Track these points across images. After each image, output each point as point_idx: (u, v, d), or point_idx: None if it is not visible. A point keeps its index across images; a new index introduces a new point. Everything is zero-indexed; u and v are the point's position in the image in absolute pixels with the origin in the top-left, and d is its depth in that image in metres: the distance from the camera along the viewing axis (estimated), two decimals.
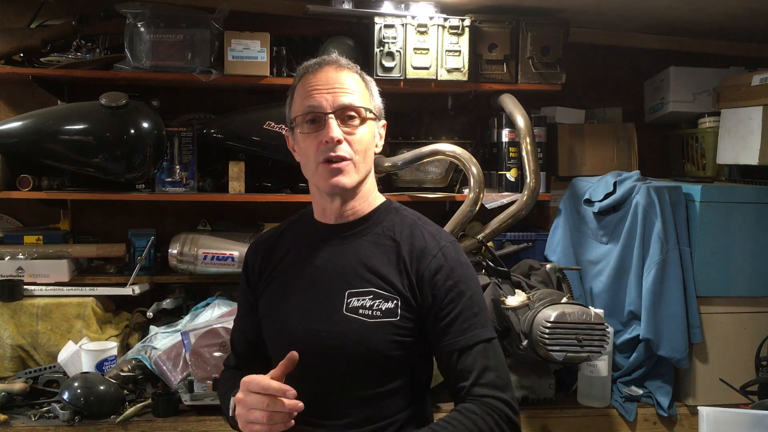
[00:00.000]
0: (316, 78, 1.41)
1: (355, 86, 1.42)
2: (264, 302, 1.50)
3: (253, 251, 1.56)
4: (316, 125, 1.39)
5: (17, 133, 2.33)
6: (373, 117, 1.44)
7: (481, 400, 1.31)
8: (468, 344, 1.34)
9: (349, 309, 1.38)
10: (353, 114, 1.40)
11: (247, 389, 1.28)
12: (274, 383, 1.25)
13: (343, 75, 1.42)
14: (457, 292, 1.37)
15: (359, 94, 1.42)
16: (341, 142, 1.38)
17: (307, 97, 1.40)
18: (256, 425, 1.26)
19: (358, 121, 1.41)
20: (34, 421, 2.02)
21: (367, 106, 1.43)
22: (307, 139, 1.41)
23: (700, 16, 2.52)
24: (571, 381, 2.33)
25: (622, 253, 2.33)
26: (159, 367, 2.17)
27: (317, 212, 1.51)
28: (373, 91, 1.48)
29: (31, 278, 2.40)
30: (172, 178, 2.49)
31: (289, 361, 1.28)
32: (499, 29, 2.54)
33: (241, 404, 1.29)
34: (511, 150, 2.64)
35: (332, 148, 1.37)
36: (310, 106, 1.39)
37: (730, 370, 2.20)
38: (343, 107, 1.39)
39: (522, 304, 2.08)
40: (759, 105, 2.32)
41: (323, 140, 1.37)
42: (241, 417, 1.29)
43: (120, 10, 2.33)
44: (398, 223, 1.46)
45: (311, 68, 1.44)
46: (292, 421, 1.26)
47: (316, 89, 1.39)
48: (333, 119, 1.38)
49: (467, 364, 1.33)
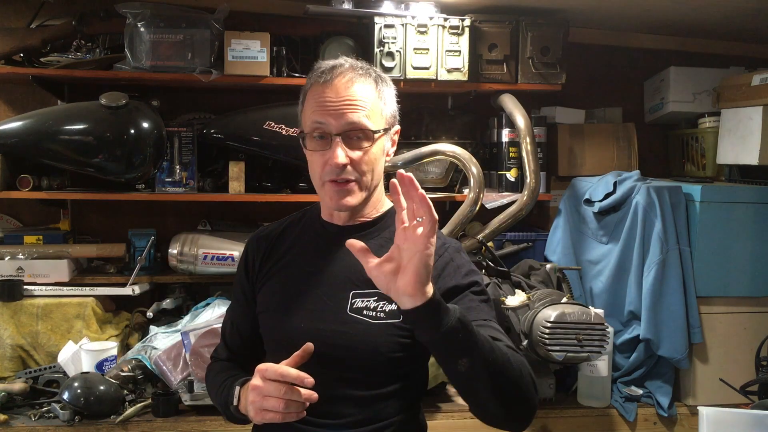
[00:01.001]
0: (326, 93, 1.37)
1: (367, 100, 1.38)
2: (263, 297, 1.49)
3: (255, 244, 1.54)
4: (323, 142, 1.37)
5: (17, 133, 2.33)
6: (382, 134, 1.41)
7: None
8: (477, 323, 1.31)
9: (353, 309, 1.37)
10: (361, 135, 1.37)
11: (263, 376, 1.26)
12: (292, 371, 1.24)
13: (353, 91, 1.37)
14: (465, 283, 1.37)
15: (370, 108, 1.38)
16: (347, 166, 1.36)
17: (315, 111, 1.37)
18: (270, 413, 1.25)
19: (366, 143, 1.38)
20: (34, 421, 2.02)
21: (377, 123, 1.39)
22: (314, 155, 1.39)
23: (700, 16, 2.52)
24: (571, 381, 2.33)
25: (622, 253, 2.33)
26: (159, 367, 2.17)
27: (325, 213, 1.50)
28: (387, 98, 1.44)
29: (31, 278, 2.40)
30: (172, 178, 2.49)
31: (305, 352, 1.27)
32: (499, 29, 2.54)
33: (256, 391, 1.27)
34: (511, 150, 2.64)
35: (338, 172, 1.36)
36: (318, 123, 1.37)
37: (730, 370, 2.20)
38: (351, 128, 1.36)
39: (522, 304, 2.08)
40: (759, 105, 2.32)
41: (329, 162, 1.36)
42: (255, 404, 1.27)
43: (120, 10, 2.33)
44: None
45: (323, 77, 1.39)
46: (304, 411, 1.25)
47: (324, 105, 1.36)
48: (340, 142, 1.35)
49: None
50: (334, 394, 1.37)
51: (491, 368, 1.17)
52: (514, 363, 1.22)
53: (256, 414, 1.29)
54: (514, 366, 1.21)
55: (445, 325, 1.11)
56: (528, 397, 1.24)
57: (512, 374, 1.21)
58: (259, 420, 1.31)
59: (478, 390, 1.21)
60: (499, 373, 1.18)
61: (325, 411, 1.36)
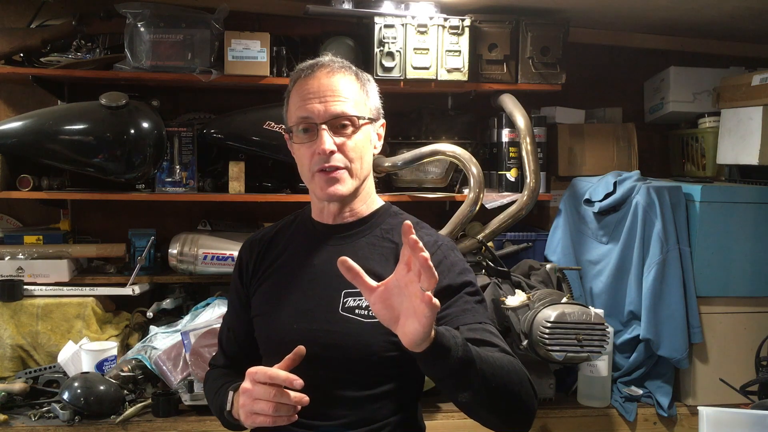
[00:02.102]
0: (309, 84, 1.39)
1: (349, 91, 1.40)
2: (257, 301, 1.49)
3: (248, 249, 1.55)
4: (309, 134, 1.39)
5: (17, 133, 2.33)
6: (367, 122, 1.42)
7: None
8: (471, 327, 1.32)
9: (345, 309, 1.37)
10: (346, 122, 1.39)
11: (253, 379, 1.26)
12: (281, 373, 1.23)
13: (335, 80, 1.40)
14: (459, 283, 1.36)
15: (353, 99, 1.40)
16: (334, 153, 1.37)
17: (299, 106, 1.39)
18: (260, 416, 1.25)
19: (351, 129, 1.39)
20: (34, 421, 2.02)
21: (361, 111, 1.41)
22: (301, 148, 1.41)
23: (700, 16, 2.52)
24: (571, 381, 2.33)
25: (622, 253, 2.33)
26: (159, 367, 2.17)
27: (315, 212, 1.50)
28: (370, 92, 1.46)
29: (31, 278, 2.40)
30: (172, 178, 2.49)
31: (296, 354, 1.26)
32: (499, 29, 2.54)
33: (246, 394, 1.27)
34: (511, 150, 2.64)
35: (326, 159, 1.37)
36: (302, 117, 1.38)
37: (730, 370, 2.20)
38: (335, 116, 1.38)
39: (522, 304, 2.08)
40: (759, 105, 2.32)
41: (316, 151, 1.37)
42: (245, 407, 1.27)
43: (120, 10, 2.32)
44: (397, 226, 1.45)
45: (304, 72, 1.42)
46: (296, 415, 1.24)
47: (307, 98, 1.38)
48: (325, 130, 1.37)
49: (473, 341, 1.29)
50: (328, 395, 1.36)
51: (492, 393, 1.18)
52: (514, 376, 1.22)
53: (246, 418, 1.29)
54: (514, 378, 1.22)
55: (448, 367, 1.12)
56: (528, 405, 1.25)
57: (513, 388, 1.22)
58: (249, 424, 1.30)
59: (480, 413, 1.23)
60: (499, 394, 1.20)
61: (319, 412, 1.35)
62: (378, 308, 1.12)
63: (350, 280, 1.12)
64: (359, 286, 1.13)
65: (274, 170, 2.63)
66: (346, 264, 1.12)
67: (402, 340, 1.11)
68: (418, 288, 1.05)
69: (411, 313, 1.07)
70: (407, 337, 1.09)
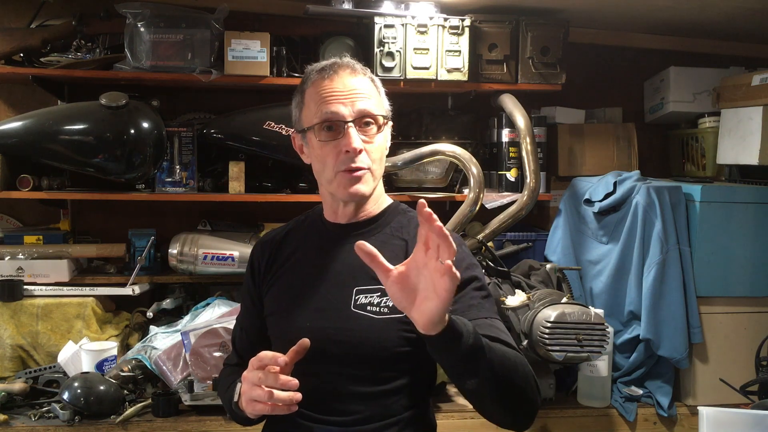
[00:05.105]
0: (332, 83, 1.39)
1: (371, 91, 1.42)
2: (269, 300, 1.50)
3: (260, 249, 1.56)
4: (334, 133, 1.39)
5: (17, 133, 2.33)
6: (386, 122, 1.44)
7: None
8: (478, 323, 1.32)
9: (357, 306, 1.38)
10: (371, 120, 1.40)
11: (250, 366, 1.28)
12: (268, 353, 1.25)
13: (358, 80, 1.41)
14: (466, 278, 1.37)
15: (375, 99, 1.42)
16: (362, 152, 1.38)
17: (323, 103, 1.39)
18: (259, 404, 1.25)
19: (375, 129, 1.40)
20: (34, 421, 2.02)
21: (382, 111, 1.42)
22: (325, 146, 1.40)
23: (700, 16, 2.52)
24: (571, 381, 2.33)
25: (622, 253, 2.33)
26: (159, 367, 2.17)
27: (328, 212, 1.51)
28: (383, 93, 1.48)
29: (31, 278, 2.40)
30: (172, 178, 2.49)
31: (300, 347, 1.27)
32: (499, 29, 2.54)
33: (245, 381, 1.29)
34: (511, 150, 2.64)
35: (353, 159, 1.37)
36: (329, 113, 1.38)
37: (730, 370, 2.20)
38: (362, 114, 1.38)
39: (522, 304, 2.08)
40: (759, 105, 2.32)
41: (343, 149, 1.37)
42: (245, 394, 1.28)
43: (120, 10, 2.33)
44: (406, 224, 1.47)
45: (326, 72, 1.41)
46: (296, 405, 1.24)
47: (332, 95, 1.38)
48: (353, 128, 1.37)
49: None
50: (342, 391, 1.37)
51: (499, 384, 1.19)
52: (519, 369, 1.23)
53: (247, 405, 1.30)
54: (520, 373, 1.23)
55: (459, 352, 1.12)
56: (532, 399, 1.26)
57: (518, 382, 1.22)
58: (250, 411, 1.31)
59: (484, 402, 1.24)
60: (505, 385, 1.20)
61: (333, 408, 1.37)
62: (394, 291, 1.11)
63: (368, 263, 1.12)
64: (376, 269, 1.12)
65: (274, 170, 2.63)
66: (364, 248, 1.11)
67: (417, 324, 1.10)
68: (437, 264, 1.04)
69: (430, 292, 1.07)
70: (424, 316, 1.08)
